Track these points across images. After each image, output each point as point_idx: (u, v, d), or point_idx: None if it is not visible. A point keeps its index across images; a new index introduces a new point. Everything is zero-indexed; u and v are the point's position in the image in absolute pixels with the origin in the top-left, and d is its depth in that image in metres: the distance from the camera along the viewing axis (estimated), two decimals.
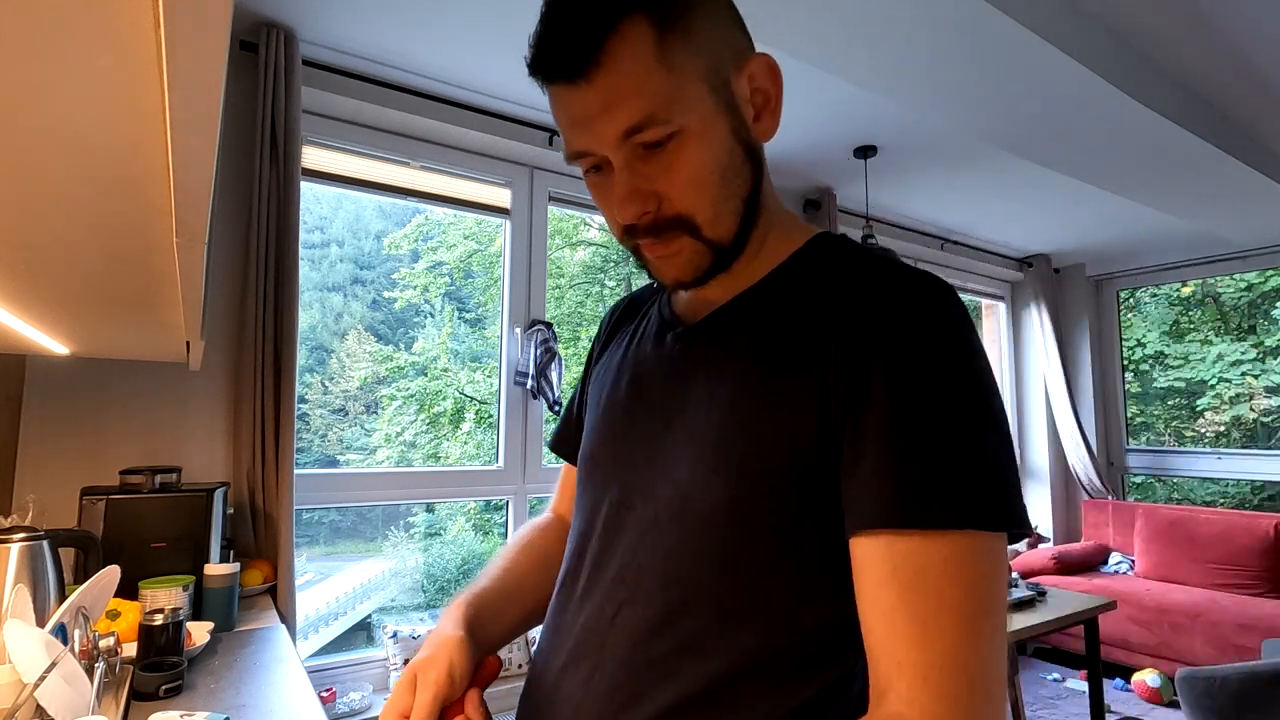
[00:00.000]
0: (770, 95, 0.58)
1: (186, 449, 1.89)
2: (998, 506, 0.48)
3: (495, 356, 2.74)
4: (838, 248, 0.60)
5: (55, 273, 0.71)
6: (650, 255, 0.59)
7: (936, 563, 0.47)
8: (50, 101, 0.33)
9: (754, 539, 0.52)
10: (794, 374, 0.53)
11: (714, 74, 0.54)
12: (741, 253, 0.59)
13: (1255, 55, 2.20)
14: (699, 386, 0.58)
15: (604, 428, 0.67)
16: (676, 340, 0.63)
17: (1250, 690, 1.86)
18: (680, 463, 0.56)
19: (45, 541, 1.13)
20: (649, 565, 0.56)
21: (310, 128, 2.19)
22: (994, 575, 0.48)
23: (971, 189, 3.37)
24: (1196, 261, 4.26)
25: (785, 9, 1.64)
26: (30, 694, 0.81)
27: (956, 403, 0.49)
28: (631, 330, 0.71)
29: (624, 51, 0.51)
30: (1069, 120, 2.26)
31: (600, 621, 0.58)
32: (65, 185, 0.45)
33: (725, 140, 0.55)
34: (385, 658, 2.24)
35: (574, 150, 0.56)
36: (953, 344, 0.50)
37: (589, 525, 0.63)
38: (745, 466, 0.53)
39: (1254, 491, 4.68)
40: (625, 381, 0.66)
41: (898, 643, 0.46)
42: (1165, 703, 3.12)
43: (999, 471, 0.49)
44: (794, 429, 0.52)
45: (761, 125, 0.58)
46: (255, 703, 1.13)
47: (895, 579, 0.47)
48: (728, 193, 0.56)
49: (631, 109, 0.51)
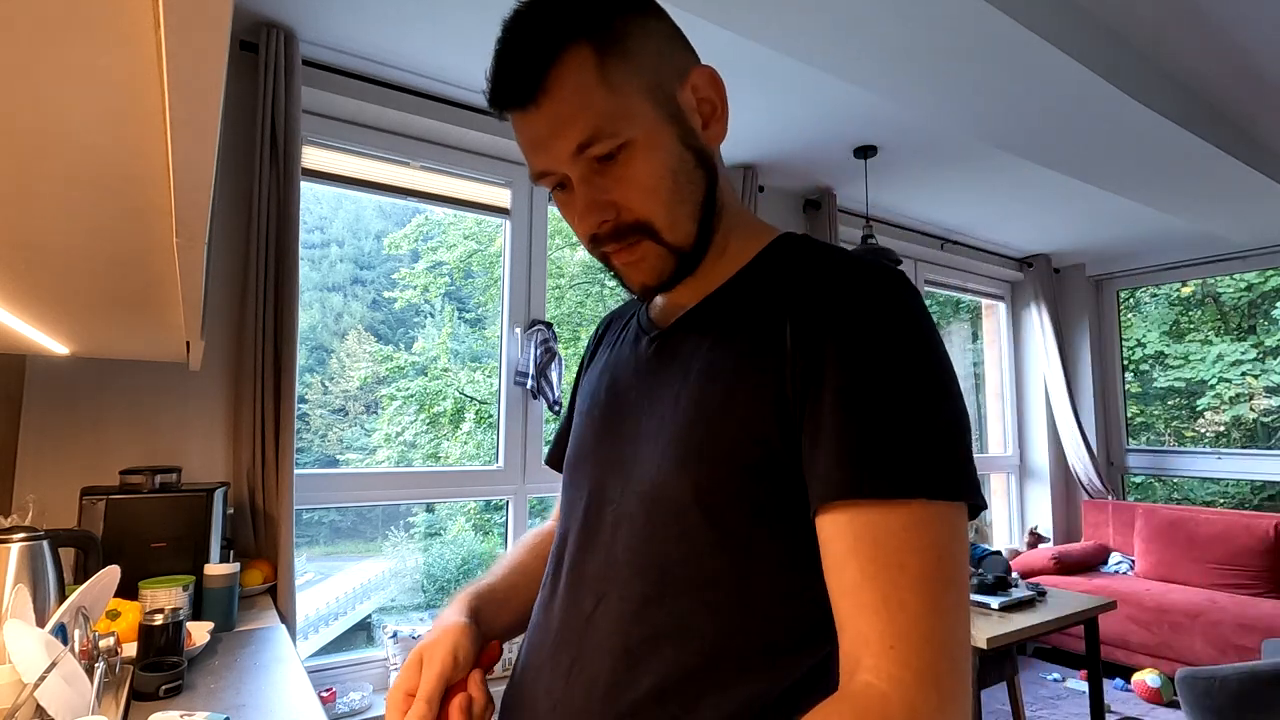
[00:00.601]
0: (715, 103, 0.62)
1: (186, 449, 1.89)
2: (952, 476, 0.50)
3: (495, 356, 2.74)
4: (799, 246, 0.63)
5: (55, 273, 0.71)
6: (617, 263, 0.62)
7: (896, 532, 0.48)
8: (50, 102, 0.33)
9: (722, 525, 0.54)
10: (754, 364, 0.55)
11: (657, 88, 0.58)
12: (704, 255, 0.62)
13: (1255, 55, 2.20)
14: (669, 385, 0.61)
15: (583, 431, 0.70)
16: (650, 344, 0.66)
17: (1250, 690, 1.86)
18: (651, 457, 0.59)
19: (45, 541, 1.13)
20: (624, 558, 0.58)
21: (310, 128, 2.19)
22: (953, 544, 0.49)
23: (971, 189, 3.37)
24: (1196, 261, 4.26)
25: (785, 9, 1.64)
26: (30, 694, 0.81)
27: (907, 377, 0.51)
28: (613, 341, 0.75)
29: (568, 76, 0.55)
30: (1069, 120, 2.26)
31: (578, 616, 0.60)
32: (65, 185, 0.45)
33: (673, 148, 0.59)
34: (385, 658, 2.24)
35: (536, 171, 0.61)
36: (902, 324, 0.53)
37: (567, 526, 0.66)
38: (709, 455, 0.55)
39: (1254, 491, 4.67)
40: (604, 387, 0.69)
41: (862, 614, 0.48)
42: (1165, 703, 3.12)
43: (952, 443, 0.51)
44: (755, 416, 0.54)
45: (710, 132, 0.62)
46: (255, 703, 1.13)
47: (857, 551, 0.49)
48: (681, 197, 0.59)
49: (579, 127, 0.56)
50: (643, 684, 0.54)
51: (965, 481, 0.50)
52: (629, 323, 0.74)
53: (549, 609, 0.64)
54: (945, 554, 0.48)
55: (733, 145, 2.85)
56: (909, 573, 0.47)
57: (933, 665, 0.46)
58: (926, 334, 0.53)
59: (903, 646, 0.46)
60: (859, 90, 2.14)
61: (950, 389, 0.53)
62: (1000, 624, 2.08)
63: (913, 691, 0.45)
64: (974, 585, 2.33)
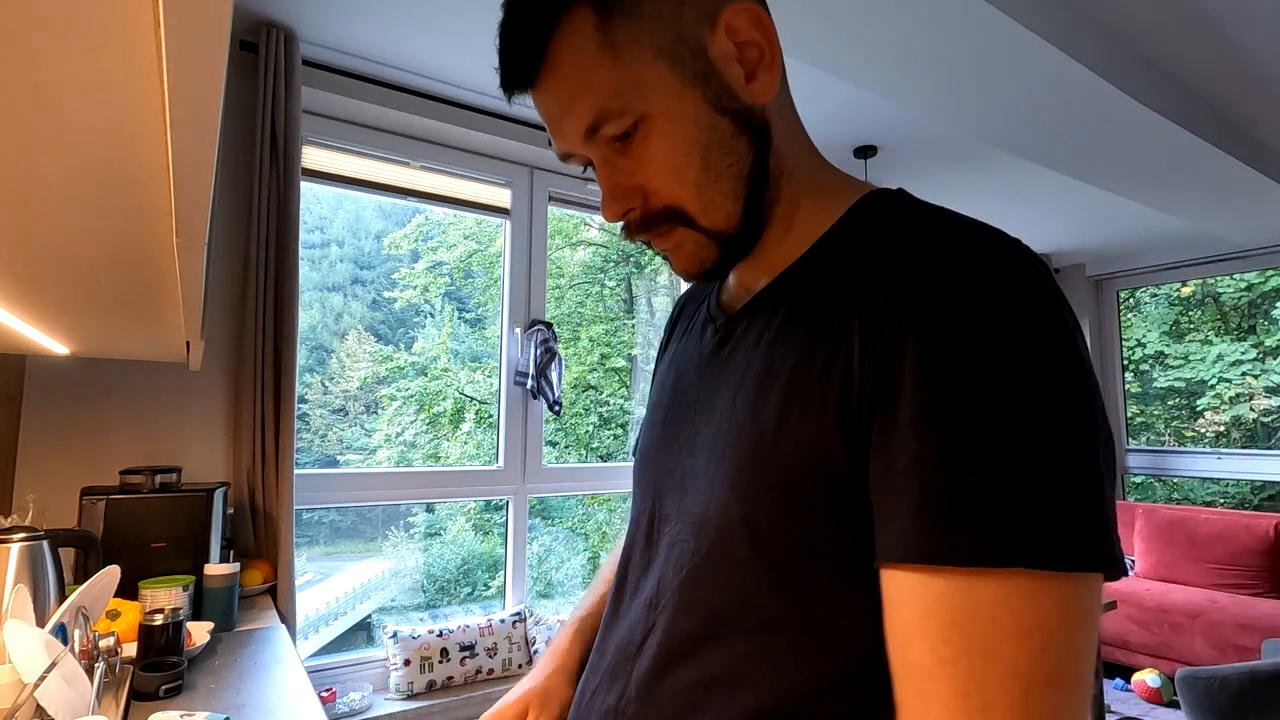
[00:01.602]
0: (762, 47, 0.50)
1: (186, 449, 1.89)
2: (1071, 536, 0.36)
3: (495, 356, 2.74)
4: (889, 207, 0.50)
5: (55, 272, 0.71)
6: (659, 249, 0.54)
7: (984, 610, 0.36)
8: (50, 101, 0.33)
9: (777, 561, 0.46)
10: (816, 368, 0.45)
11: (677, 44, 0.48)
12: (758, 235, 0.53)
13: (1256, 55, 2.20)
14: (726, 387, 0.52)
15: (648, 431, 0.63)
16: (714, 334, 0.57)
17: (1250, 690, 1.86)
18: (703, 476, 0.51)
19: (45, 541, 1.13)
20: (674, 588, 0.51)
21: (310, 128, 2.19)
22: (1066, 628, 0.36)
23: (971, 189, 3.37)
24: (1196, 261, 4.26)
25: (785, 10, 1.64)
26: (30, 694, 0.81)
27: (1015, 396, 0.38)
28: (686, 327, 0.67)
29: (566, 48, 0.48)
30: (1070, 120, 2.26)
31: (630, 645, 0.54)
32: (65, 185, 0.45)
33: (701, 117, 0.49)
34: (385, 658, 2.24)
35: (559, 153, 0.54)
36: (1016, 317, 0.39)
37: (631, 538, 0.60)
38: (762, 482, 0.46)
39: (1254, 491, 4.68)
40: (669, 384, 0.62)
41: (932, 707, 0.37)
42: (1165, 703, 3.12)
43: (1073, 490, 0.37)
44: (815, 435, 0.44)
45: (758, 84, 0.50)
46: (255, 703, 1.13)
47: (928, 627, 0.38)
48: (715, 174, 0.50)
49: (582, 108, 0.48)
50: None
51: (1091, 544, 0.37)
52: (701, 306, 0.65)
53: (610, 629, 0.58)
54: (1053, 643, 0.36)
55: None
56: (998, 665, 0.36)
57: None
58: (1047, 330, 0.39)
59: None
60: (859, 90, 2.13)
61: (1076, 413, 0.38)
62: None
63: None
64: None
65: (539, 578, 4.76)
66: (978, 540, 0.37)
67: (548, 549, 4.99)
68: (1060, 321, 0.40)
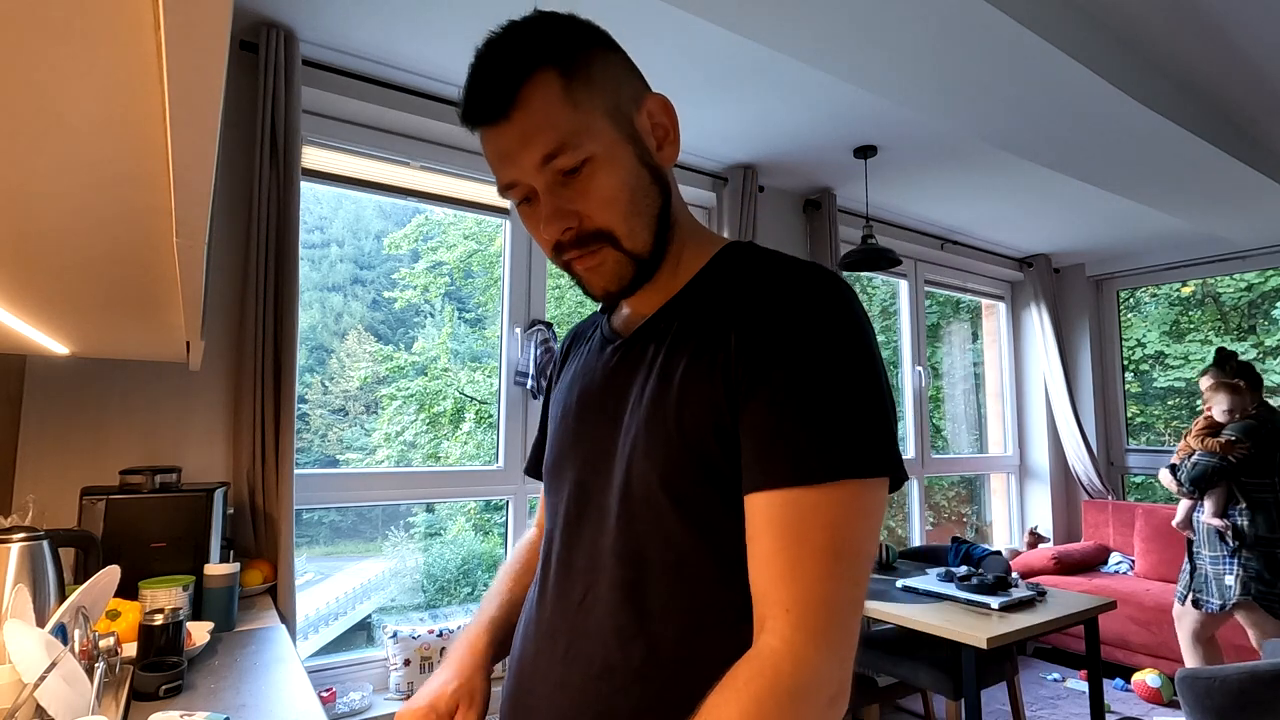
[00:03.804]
0: (668, 128, 0.68)
1: (186, 449, 1.89)
2: (860, 456, 0.56)
3: (495, 356, 2.74)
4: (742, 254, 0.69)
5: (56, 272, 0.71)
6: (580, 269, 0.67)
7: (805, 511, 0.55)
8: (50, 101, 0.33)
9: (688, 509, 0.61)
10: (704, 365, 0.61)
11: (616, 110, 0.64)
12: (661, 264, 0.68)
13: (1255, 55, 2.20)
14: (633, 387, 0.67)
15: (558, 437, 0.75)
16: (614, 352, 0.72)
17: (1250, 690, 1.86)
18: (622, 455, 0.65)
19: (45, 541, 1.13)
20: (608, 547, 0.64)
21: (310, 128, 2.19)
22: (852, 519, 0.56)
23: (971, 189, 3.37)
24: (1196, 261, 4.26)
25: (785, 10, 1.64)
26: (30, 694, 0.81)
27: (829, 376, 0.57)
28: (579, 354, 0.81)
29: (536, 94, 0.61)
30: (1069, 120, 2.26)
31: (569, 604, 0.66)
32: (66, 185, 0.45)
33: (632, 165, 0.65)
34: (385, 658, 2.24)
35: (504, 183, 0.66)
36: (827, 322, 0.59)
37: (552, 525, 0.72)
38: (673, 445, 0.61)
39: None
40: (575, 394, 0.75)
41: (769, 582, 0.55)
42: (1165, 703, 3.12)
43: (862, 426, 0.57)
44: (707, 411, 0.60)
45: (664, 153, 0.68)
46: (255, 703, 1.13)
47: (770, 527, 0.56)
48: (639, 209, 0.65)
49: (545, 139, 0.61)
50: (634, 660, 0.60)
51: (872, 459, 0.56)
52: (593, 335, 0.80)
53: (541, 601, 0.70)
54: (843, 528, 0.55)
55: (733, 145, 2.86)
56: (810, 545, 0.54)
57: (822, 625, 0.53)
58: (845, 326, 0.59)
59: (798, 609, 0.53)
60: (859, 90, 2.14)
61: (869, 384, 0.58)
62: (1000, 624, 2.08)
63: (801, 647, 0.53)
64: (974, 585, 2.33)
65: None
66: (795, 468, 0.56)
67: None
68: (857, 325, 0.60)
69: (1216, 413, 2.84)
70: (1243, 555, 2.65)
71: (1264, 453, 2.68)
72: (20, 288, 0.77)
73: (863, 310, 0.62)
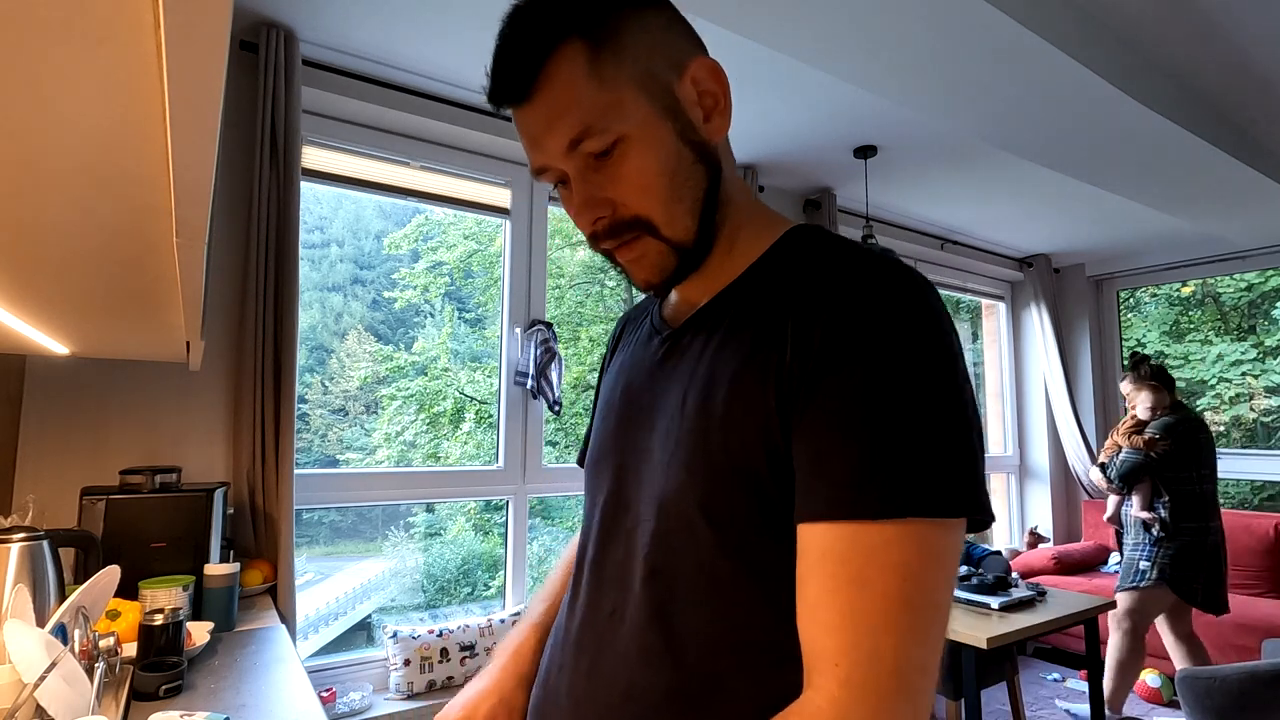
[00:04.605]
0: (717, 96, 0.60)
1: (186, 449, 1.89)
2: (937, 491, 0.47)
3: (495, 356, 2.74)
4: (811, 239, 0.60)
5: (55, 272, 0.71)
6: (621, 260, 0.62)
7: (867, 550, 0.46)
8: (50, 101, 0.33)
9: (728, 533, 0.54)
10: (756, 367, 0.54)
11: (650, 80, 0.57)
12: (709, 251, 0.61)
13: (1256, 56, 2.20)
14: (676, 387, 0.60)
15: (600, 434, 0.70)
16: (661, 344, 0.65)
17: (1250, 690, 1.86)
18: (660, 464, 0.59)
19: (45, 541, 1.13)
20: (638, 563, 0.58)
21: (310, 128, 2.19)
22: (923, 563, 0.46)
23: (971, 189, 3.37)
24: (1196, 261, 4.25)
25: (785, 10, 1.64)
26: (30, 694, 0.81)
27: (907, 393, 0.48)
28: (630, 341, 0.75)
29: (559, 72, 0.55)
30: (1070, 121, 2.26)
31: (598, 617, 0.61)
32: (66, 185, 0.45)
33: (671, 143, 0.58)
34: (385, 658, 2.24)
35: (535, 167, 0.61)
36: (903, 329, 0.50)
37: (588, 531, 0.67)
38: (715, 464, 0.54)
39: (1254, 491, 4.68)
40: (619, 390, 0.69)
41: (821, 630, 0.47)
42: (1165, 703, 3.12)
43: (943, 454, 0.47)
44: (756, 423, 0.52)
45: (712, 125, 0.60)
46: (255, 703, 1.13)
47: (823, 566, 0.48)
48: (679, 193, 0.58)
49: (570, 122, 0.55)
50: (660, 685, 0.55)
51: (952, 498, 0.47)
52: (644, 322, 0.73)
53: (571, 610, 0.65)
54: (912, 573, 0.46)
55: (733, 145, 2.85)
56: (869, 591, 0.46)
57: (875, 684, 0.45)
58: (929, 334, 0.50)
59: (846, 664, 0.45)
60: (859, 90, 2.14)
61: (947, 393, 0.49)
62: (1000, 624, 2.08)
63: (849, 709, 0.45)
64: (973, 585, 2.33)
65: (539, 578, 4.76)
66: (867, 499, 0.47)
67: (548, 549, 4.99)
68: (938, 333, 0.50)
69: (1140, 411, 2.99)
70: (1164, 544, 2.80)
71: (1182, 448, 2.85)
72: (20, 288, 0.77)
73: (947, 312, 0.52)
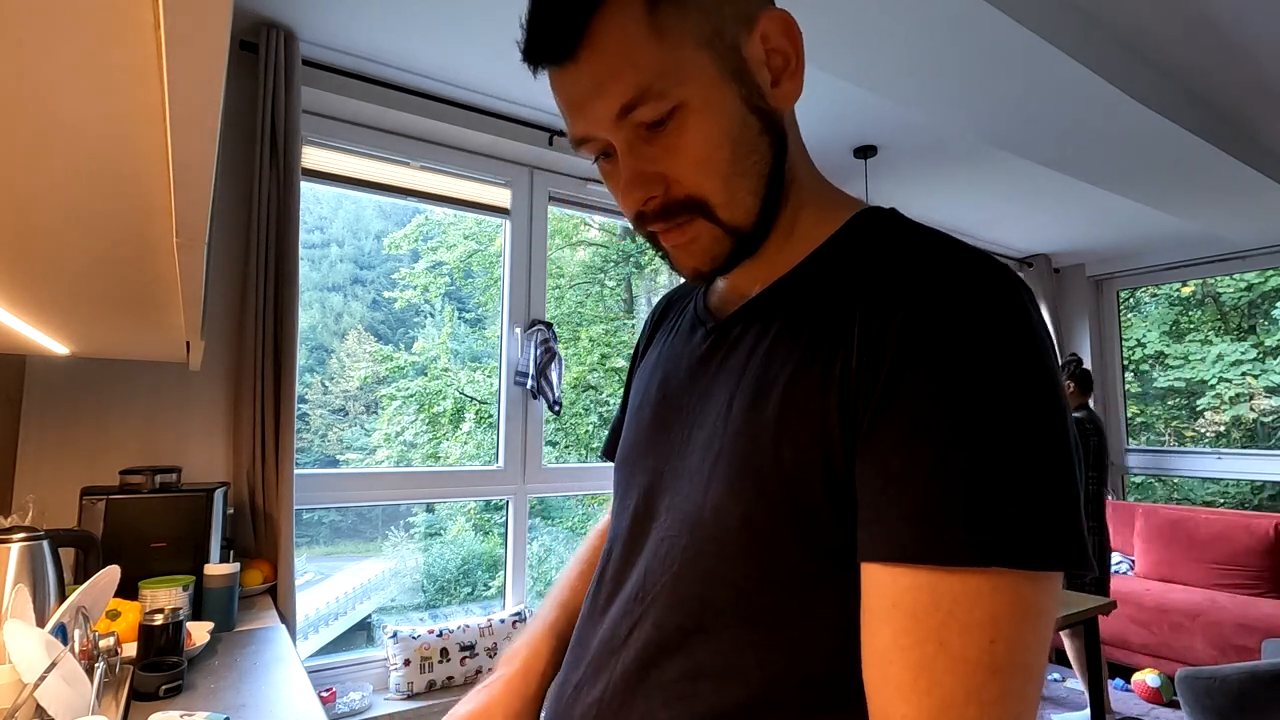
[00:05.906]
0: (789, 56, 0.52)
1: (186, 449, 1.89)
2: (1034, 536, 0.39)
3: (495, 356, 2.74)
4: (884, 223, 0.52)
5: (55, 273, 0.71)
6: (667, 244, 0.54)
7: (943, 603, 0.39)
8: (50, 101, 0.33)
9: (775, 560, 0.47)
10: (818, 372, 0.46)
11: (717, 38, 0.49)
12: (768, 236, 0.54)
13: (1255, 56, 2.20)
14: (721, 389, 0.53)
15: (633, 431, 0.63)
16: (705, 337, 0.58)
17: (1250, 690, 1.86)
18: (698, 475, 0.52)
19: (45, 541, 1.13)
20: (664, 583, 0.52)
21: (310, 128, 2.19)
22: (1017, 622, 0.39)
23: (971, 189, 3.37)
24: (1196, 261, 4.25)
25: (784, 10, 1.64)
26: (30, 694, 0.81)
27: (998, 411, 0.40)
28: (670, 329, 0.67)
29: (612, 25, 0.47)
30: (1069, 120, 2.26)
31: (615, 638, 0.54)
32: (65, 185, 0.45)
33: (735, 111, 0.49)
34: (385, 658, 2.24)
35: (575, 137, 0.53)
36: (1000, 337, 0.42)
37: (614, 536, 0.60)
38: (763, 484, 0.47)
39: (1254, 491, 4.68)
40: (655, 384, 0.62)
41: (890, 690, 0.41)
42: (1165, 703, 3.12)
43: (1042, 491, 0.40)
44: (813, 437, 0.45)
45: (781, 90, 0.52)
46: (255, 703, 1.13)
47: (895, 617, 0.41)
48: (742, 169, 0.50)
49: (623, 85, 0.47)
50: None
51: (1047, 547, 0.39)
52: (686, 308, 0.65)
53: (588, 621, 0.59)
54: (1002, 634, 0.39)
55: None
56: (949, 651, 0.39)
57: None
58: (1025, 348, 0.42)
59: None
60: (859, 90, 2.14)
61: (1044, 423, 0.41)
62: None
63: None
64: None
65: (539, 578, 4.76)
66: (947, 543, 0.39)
67: (548, 549, 4.99)
68: (1038, 342, 0.43)
69: None
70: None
71: (1088, 448, 3.03)
72: (20, 288, 0.77)
73: (1045, 324, 0.44)
